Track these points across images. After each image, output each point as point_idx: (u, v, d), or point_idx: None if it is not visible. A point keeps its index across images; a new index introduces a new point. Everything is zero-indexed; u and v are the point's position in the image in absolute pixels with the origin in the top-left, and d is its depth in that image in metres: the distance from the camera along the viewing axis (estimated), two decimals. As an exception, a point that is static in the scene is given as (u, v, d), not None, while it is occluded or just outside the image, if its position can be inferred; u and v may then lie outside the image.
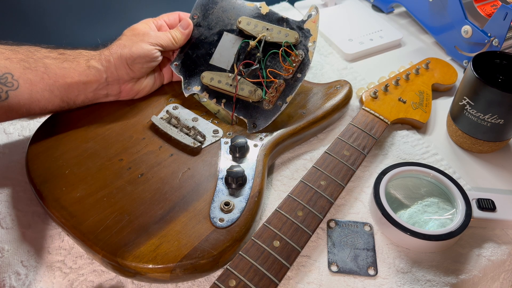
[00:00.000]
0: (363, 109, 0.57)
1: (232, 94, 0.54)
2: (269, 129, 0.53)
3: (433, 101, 0.63)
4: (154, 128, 0.52)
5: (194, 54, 0.57)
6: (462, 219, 0.45)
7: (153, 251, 0.40)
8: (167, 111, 0.53)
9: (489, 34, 0.64)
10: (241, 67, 0.54)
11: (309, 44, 0.55)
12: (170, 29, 0.56)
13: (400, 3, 0.80)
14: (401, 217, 0.48)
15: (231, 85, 0.54)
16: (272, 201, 0.51)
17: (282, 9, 0.84)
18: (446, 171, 0.52)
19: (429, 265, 0.45)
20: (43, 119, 0.53)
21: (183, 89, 0.56)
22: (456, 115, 0.57)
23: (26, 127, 0.58)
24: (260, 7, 0.57)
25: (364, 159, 0.51)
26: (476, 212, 0.47)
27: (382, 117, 0.56)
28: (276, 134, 0.53)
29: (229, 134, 0.52)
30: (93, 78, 0.49)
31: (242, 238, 0.42)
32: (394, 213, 0.46)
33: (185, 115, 0.54)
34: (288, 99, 0.53)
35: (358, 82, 0.67)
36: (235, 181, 0.46)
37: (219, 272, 0.40)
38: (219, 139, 0.51)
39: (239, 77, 0.54)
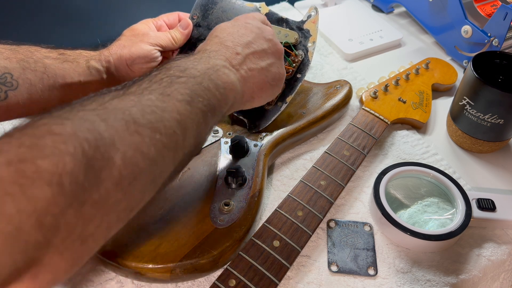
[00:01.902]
0: (363, 109, 0.57)
1: (232, 94, 0.54)
2: (269, 129, 0.53)
3: (433, 101, 0.63)
4: (154, 128, 0.52)
5: (194, 54, 0.57)
6: (462, 219, 0.45)
7: (153, 251, 0.40)
8: (167, 111, 0.53)
9: (489, 34, 0.64)
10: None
11: (309, 44, 0.55)
12: (169, 29, 0.56)
13: (400, 3, 0.80)
14: (401, 217, 0.48)
15: (231, 85, 0.54)
16: (272, 201, 0.51)
17: (282, 9, 0.84)
18: (446, 171, 0.52)
19: (429, 265, 0.45)
20: (43, 119, 0.52)
21: (183, 89, 0.56)
22: (456, 115, 0.57)
23: (26, 127, 0.58)
24: (260, 7, 0.57)
25: (364, 159, 0.51)
26: (476, 212, 0.47)
27: (382, 117, 0.56)
28: (276, 134, 0.53)
29: (229, 134, 0.52)
30: (93, 78, 0.49)
31: (242, 238, 0.42)
32: (394, 213, 0.46)
33: (185, 115, 0.54)
34: (288, 99, 0.53)
35: (358, 82, 0.67)
36: (235, 181, 0.46)
37: (219, 272, 0.40)
38: (219, 139, 0.51)
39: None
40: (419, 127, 0.60)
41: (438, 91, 0.66)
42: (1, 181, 0.21)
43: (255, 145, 0.51)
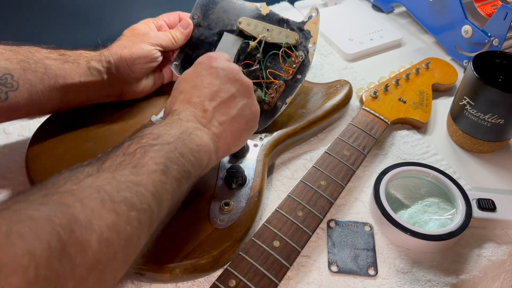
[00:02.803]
0: (363, 109, 0.57)
1: (232, 94, 0.54)
2: (269, 129, 0.53)
3: (433, 101, 0.63)
4: (154, 128, 0.52)
5: (194, 54, 0.57)
6: (462, 219, 0.45)
7: (153, 251, 0.40)
8: (167, 111, 0.53)
9: (489, 34, 0.64)
10: (241, 67, 0.54)
11: (309, 45, 0.55)
12: (170, 29, 0.56)
13: (400, 3, 0.80)
14: (401, 217, 0.48)
15: (231, 85, 0.54)
16: (272, 201, 0.51)
17: (282, 9, 0.84)
18: (446, 171, 0.52)
19: (429, 265, 0.45)
20: (43, 119, 0.53)
21: (183, 89, 0.56)
22: (456, 115, 0.57)
23: (26, 127, 0.58)
24: (261, 8, 0.57)
25: (364, 159, 0.51)
26: (476, 212, 0.47)
27: (382, 117, 0.56)
28: (276, 134, 0.53)
29: (229, 134, 0.52)
30: (94, 79, 0.49)
31: (242, 238, 0.42)
32: (394, 213, 0.46)
33: (185, 115, 0.54)
34: (288, 100, 0.53)
35: (358, 82, 0.67)
36: (235, 181, 0.46)
37: (219, 272, 0.40)
38: (219, 139, 0.51)
39: (239, 77, 0.54)
40: (419, 127, 0.60)
41: (438, 91, 0.66)
42: None
43: (255, 145, 0.51)
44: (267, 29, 0.55)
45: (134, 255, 0.30)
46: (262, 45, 0.55)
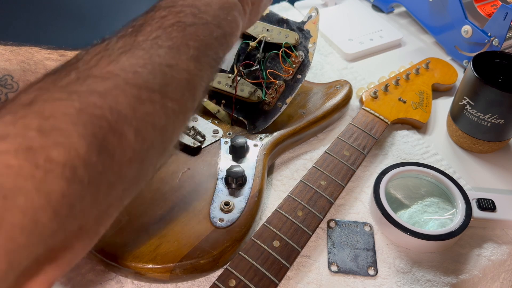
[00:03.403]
0: (363, 109, 0.57)
1: (232, 95, 0.54)
2: (269, 129, 0.53)
3: (433, 101, 0.63)
4: (154, 129, 0.52)
5: (194, 55, 0.57)
6: (462, 219, 0.45)
7: (153, 251, 0.40)
8: (167, 112, 0.53)
9: (489, 34, 0.64)
10: (241, 68, 0.54)
11: (309, 45, 0.55)
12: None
13: (400, 3, 0.80)
14: (401, 217, 0.48)
15: (230, 85, 0.54)
16: (272, 201, 0.51)
17: (282, 9, 0.84)
18: (446, 171, 0.52)
19: (429, 265, 0.45)
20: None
21: (183, 89, 0.56)
22: (456, 115, 0.57)
23: (27, 128, 0.58)
24: (260, 7, 0.57)
25: (364, 159, 0.51)
26: (476, 212, 0.47)
27: (382, 117, 0.56)
28: (276, 134, 0.53)
29: (229, 134, 0.52)
30: None
31: (242, 238, 0.42)
32: (394, 213, 0.46)
33: (185, 115, 0.54)
34: (288, 100, 0.53)
35: (358, 82, 0.67)
36: (235, 181, 0.46)
37: (219, 272, 0.40)
38: (219, 139, 0.52)
39: (238, 78, 0.54)
40: (419, 127, 0.60)
41: (438, 91, 0.66)
42: (11, 171, 0.19)
43: (255, 145, 0.51)
44: (267, 29, 0.55)
45: (172, 143, 0.30)
46: (262, 45, 0.55)
